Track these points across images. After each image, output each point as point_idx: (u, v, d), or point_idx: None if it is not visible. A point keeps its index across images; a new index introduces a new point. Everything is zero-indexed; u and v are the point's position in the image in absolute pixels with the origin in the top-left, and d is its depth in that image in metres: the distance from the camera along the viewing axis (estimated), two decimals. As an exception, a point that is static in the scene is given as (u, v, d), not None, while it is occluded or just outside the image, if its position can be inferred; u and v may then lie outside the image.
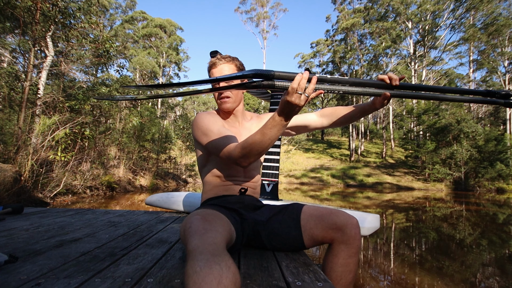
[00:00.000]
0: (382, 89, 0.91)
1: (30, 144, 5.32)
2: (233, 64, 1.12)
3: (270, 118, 0.84)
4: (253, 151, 0.88)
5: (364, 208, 6.78)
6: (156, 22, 26.86)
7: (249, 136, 0.89)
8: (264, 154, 0.93)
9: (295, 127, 1.19)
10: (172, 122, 22.95)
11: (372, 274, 2.37)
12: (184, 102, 45.51)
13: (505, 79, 21.65)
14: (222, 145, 0.98)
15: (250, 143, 0.88)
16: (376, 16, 23.62)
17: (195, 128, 1.09)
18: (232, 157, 0.94)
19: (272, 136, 0.85)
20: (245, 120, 1.22)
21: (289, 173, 21.34)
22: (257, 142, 0.86)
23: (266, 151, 0.90)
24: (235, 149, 0.92)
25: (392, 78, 0.89)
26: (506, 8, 19.40)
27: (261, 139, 0.85)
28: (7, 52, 7.83)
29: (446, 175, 16.64)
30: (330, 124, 1.15)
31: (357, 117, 1.09)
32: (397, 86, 0.90)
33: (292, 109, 0.79)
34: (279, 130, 0.84)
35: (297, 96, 0.75)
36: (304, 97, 0.76)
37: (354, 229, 0.92)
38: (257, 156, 0.91)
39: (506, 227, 5.04)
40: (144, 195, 7.73)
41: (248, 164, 0.94)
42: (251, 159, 0.91)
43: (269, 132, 0.84)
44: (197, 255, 0.59)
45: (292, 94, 0.76)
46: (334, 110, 1.14)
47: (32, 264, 0.85)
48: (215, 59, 1.12)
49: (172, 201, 2.29)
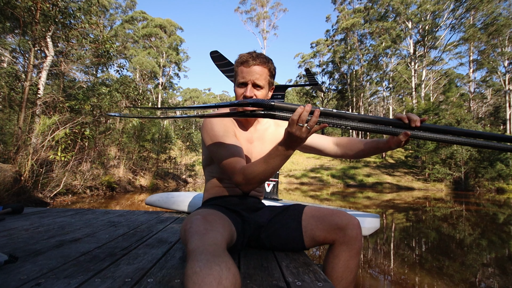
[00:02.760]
0: (399, 128, 0.83)
1: (30, 144, 5.32)
2: (266, 68, 1.00)
3: (274, 148, 0.83)
4: (255, 179, 0.87)
5: (364, 208, 6.78)
6: (156, 22, 26.86)
7: (252, 164, 0.87)
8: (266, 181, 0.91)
9: (308, 146, 1.16)
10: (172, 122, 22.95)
11: (372, 274, 2.37)
12: (184, 102, 45.46)
13: (505, 79, 21.65)
14: (226, 162, 0.94)
15: (252, 172, 0.86)
16: (376, 16, 23.63)
17: (204, 131, 1.05)
18: (234, 181, 0.92)
19: (275, 165, 0.84)
20: (259, 124, 1.17)
21: (289, 173, 21.35)
22: (260, 171, 0.85)
23: (268, 178, 0.89)
24: (238, 174, 0.90)
25: (411, 119, 0.82)
26: (506, 8, 19.43)
27: (264, 168, 0.85)
28: (7, 52, 7.84)
29: (446, 175, 16.64)
30: (342, 155, 1.12)
31: (369, 154, 1.05)
32: (417, 127, 0.82)
33: (294, 141, 0.77)
34: (282, 160, 0.83)
35: (297, 128, 0.74)
36: (306, 129, 0.74)
37: (355, 230, 0.92)
38: (258, 184, 0.90)
39: (506, 227, 5.04)
40: (144, 195, 7.73)
41: (250, 190, 0.93)
42: (253, 185, 0.90)
43: (272, 161, 0.83)
44: (197, 256, 0.59)
45: (292, 126, 0.74)
46: (349, 141, 1.10)
47: (32, 264, 0.85)
48: (248, 56, 0.99)
49: (172, 201, 2.29)
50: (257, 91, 1.00)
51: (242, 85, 1.01)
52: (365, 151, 1.05)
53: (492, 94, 28.32)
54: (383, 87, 27.46)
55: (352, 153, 1.09)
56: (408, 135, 0.81)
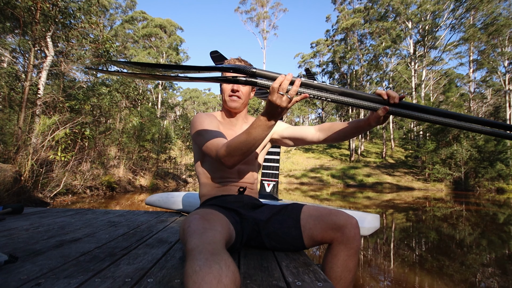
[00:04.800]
0: (378, 104, 0.84)
1: (30, 144, 5.32)
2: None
3: (256, 118, 0.84)
4: (237, 150, 0.88)
5: (364, 208, 6.78)
6: (156, 22, 26.86)
7: (235, 137, 0.90)
8: (249, 155, 0.92)
9: (292, 138, 1.18)
10: (172, 122, 22.96)
11: (372, 274, 2.37)
12: (184, 102, 45.53)
13: (505, 79, 21.64)
14: (211, 144, 0.99)
15: (234, 142, 0.88)
16: (376, 16, 23.62)
17: (192, 128, 1.11)
18: (218, 156, 0.94)
19: (257, 136, 0.85)
20: (245, 124, 1.22)
21: (289, 173, 21.35)
22: (241, 141, 0.87)
23: (251, 151, 0.89)
24: (221, 147, 0.93)
25: (390, 95, 0.84)
26: (506, 8, 19.40)
27: (245, 138, 0.86)
28: (7, 52, 7.84)
29: (446, 175, 16.64)
30: (325, 139, 1.11)
31: (351, 134, 1.04)
32: (396, 104, 0.84)
33: (275, 109, 0.79)
34: (264, 130, 0.84)
35: (278, 96, 0.76)
36: (286, 99, 0.76)
37: (353, 229, 0.92)
38: (241, 156, 0.90)
39: (506, 227, 5.04)
40: (144, 195, 7.73)
41: (233, 164, 0.93)
42: (235, 158, 0.91)
43: (254, 131, 0.84)
44: (196, 255, 0.59)
45: (273, 94, 0.76)
46: (331, 125, 1.11)
47: (32, 264, 0.85)
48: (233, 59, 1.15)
49: (172, 201, 2.29)
50: (242, 86, 1.13)
51: None
52: (347, 132, 1.05)
53: (492, 94, 28.33)
54: (383, 87, 27.47)
55: (334, 135, 1.09)
56: (386, 109, 0.84)
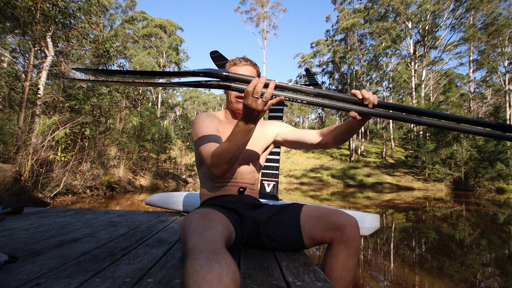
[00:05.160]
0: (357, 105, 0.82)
1: (30, 144, 5.32)
2: (255, 69, 1.13)
3: (235, 124, 0.83)
4: (221, 159, 0.88)
5: (364, 208, 6.78)
6: (156, 22, 26.86)
7: (219, 145, 0.89)
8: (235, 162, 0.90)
9: (296, 142, 1.16)
10: (172, 122, 22.97)
11: (372, 274, 2.37)
12: (184, 102, 45.52)
13: (505, 79, 21.64)
14: (204, 149, 0.98)
15: (218, 151, 0.88)
16: (376, 16, 23.61)
17: (192, 128, 1.11)
18: (206, 165, 0.94)
19: (239, 142, 0.84)
20: None
21: (289, 173, 21.35)
22: (224, 149, 0.86)
23: (236, 158, 0.88)
24: (208, 157, 0.92)
25: (364, 97, 0.82)
26: (506, 8, 19.41)
27: (227, 145, 0.85)
28: (7, 52, 7.83)
29: (446, 175, 16.64)
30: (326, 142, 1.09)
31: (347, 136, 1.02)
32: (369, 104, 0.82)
33: (251, 113, 0.78)
34: (244, 136, 0.83)
35: (253, 100, 0.75)
36: (262, 102, 0.75)
37: (353, 229, 0.92)
38: (227, 165, 0.89)
39: (506, 227, 5.04)
40: (144, 195, 7.73)
41: (221, 173, 0.92)
42: (222, 167, 0.90)
43: (235, 138, 0.84)
44: (196, 254, 0.59)
45: (248, 97, 0.75)
46: (329, 128, 1.09)
47: (32, 264, 0.85)
48: (240, 59, 1.12)
49: (172, 201, 2.29)
50: None
51: None
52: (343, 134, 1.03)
53: (492, 94, 28.32)
54: (383, 87, 27.47)
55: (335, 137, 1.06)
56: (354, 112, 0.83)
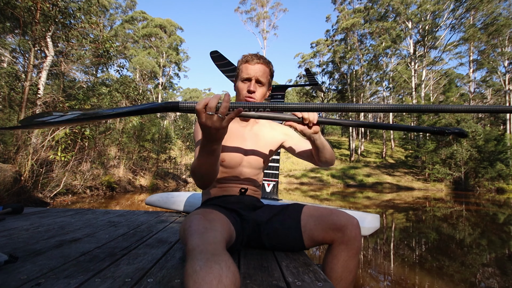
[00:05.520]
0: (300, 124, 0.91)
1: (30, 144, 5.32)
2: (268, 68, 1.08)
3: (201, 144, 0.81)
4: (196, 176, 0.89)
5: (364, 208, 6.78)
6: (156, 22, 26.85)
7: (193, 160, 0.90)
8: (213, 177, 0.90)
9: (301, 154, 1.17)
10: (172, 122, 22.97)
11: (372, 274, 2.37)
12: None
13: (505, 79, 21.64)
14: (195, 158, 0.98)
15: (192, 167, 0.88)
16: (376, 16, 23.61)
17: (194, 129, 1.09)
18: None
19: (203, 161, 0.82)
20: (256, 124, 1.18)
21: (289, 173, 21.34)
22: (194, 166, 0.86)
23: (211, 174, 0.88)
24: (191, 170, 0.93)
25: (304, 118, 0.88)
26: (506, 8, 19.39)
27: (196, 164, 0.85)
28: (7, 52, 7.83)
29: (446, 175, 16.64)
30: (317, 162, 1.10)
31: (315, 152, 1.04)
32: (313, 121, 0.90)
33: (209, 132, 0.72)
34: (209, 154, 0.80)
35: (207, 117, 0.69)
36: (218, 118, 0.69)
37: (354, 230, 0.91)
38: (202, 181, 0.90)
39: (506, 227, 5.04)
40: (144, 195, 7.73)
41: (202, 186, 0.93)
42: (200, 181, 0.91)
43: (201, 158, 0.82)
44: (197, 254, 0.59)
45: (201, 116, 0.69)
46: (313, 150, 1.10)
47: (32, 264, 0.85)
48: (252, 56, 1.07)
49: (172, 201, 2.29)
50: (259, 87, 1.07)
51: (246, 81, 1.07)
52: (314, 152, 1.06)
53: (492, 94, 28.29)
54: (383, 87, 27.46)
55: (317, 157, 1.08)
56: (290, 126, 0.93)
